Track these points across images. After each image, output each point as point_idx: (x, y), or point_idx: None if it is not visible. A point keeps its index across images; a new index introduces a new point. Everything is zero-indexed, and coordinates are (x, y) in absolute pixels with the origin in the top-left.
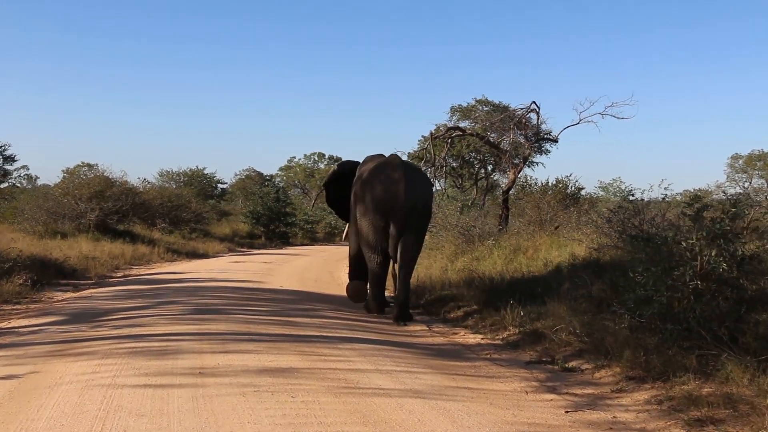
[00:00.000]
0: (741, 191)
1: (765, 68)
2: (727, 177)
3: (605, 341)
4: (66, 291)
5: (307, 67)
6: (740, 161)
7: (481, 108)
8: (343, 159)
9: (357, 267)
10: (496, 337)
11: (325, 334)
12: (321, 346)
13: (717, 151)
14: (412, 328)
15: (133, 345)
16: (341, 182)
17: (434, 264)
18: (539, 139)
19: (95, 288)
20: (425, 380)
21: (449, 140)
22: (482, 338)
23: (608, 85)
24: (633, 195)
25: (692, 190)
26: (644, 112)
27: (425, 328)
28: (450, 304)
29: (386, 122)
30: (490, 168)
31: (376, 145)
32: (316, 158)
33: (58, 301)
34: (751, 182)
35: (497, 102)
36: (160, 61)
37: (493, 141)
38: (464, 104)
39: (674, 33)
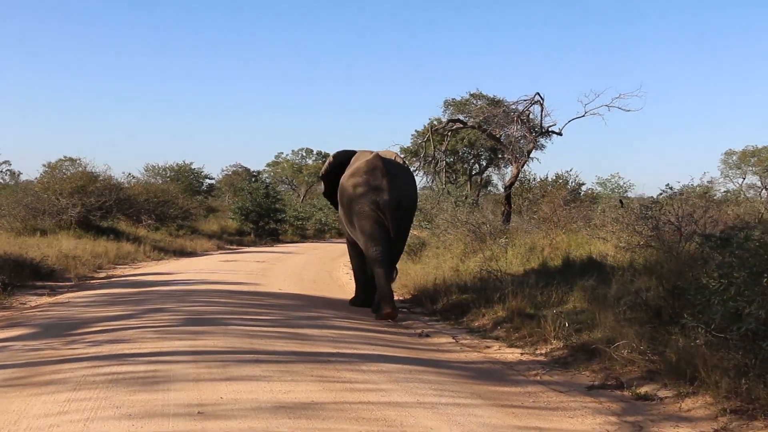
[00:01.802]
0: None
1: (760, 64)
2: (721, 173)
3: (692, 362)
4: (41, 295)
5: (294, 62)
6: (734, 157)
7: (475, 102)
8: (328, 154)
9: (355, 263)
10: (538, 352)
11: (341, 350)
12: (342, 369)
13: (711, 147)
14: (437, 340)
15: (113, 369)
16: (338, 173)
17: (444, 264)
18: (542, 133)
19: (74, 291)
20: (482, 417)
21: (449, 133)
22: (522, 353)
23: (604, 82)
24: (672, 188)
25: (693, 185)
26: (645, 109)
27: (452, 340)
28: (472, 310)
29: (376, 117)
30: (484, 163)
31: (365, 141)
32: (304, 154)
33: (31, 308)
34: (744, 178)
35: (492, 96)
36: (144, 57)
37: (495, 134)
38: (458, 98)
39: (670, 30)
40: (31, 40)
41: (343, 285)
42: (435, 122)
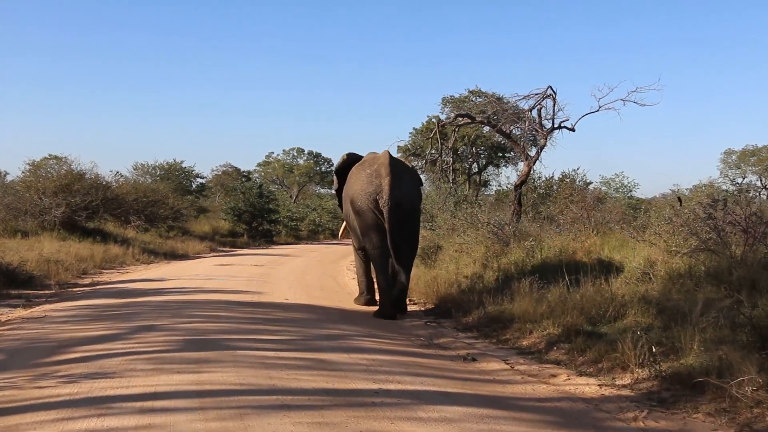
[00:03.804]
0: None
1: (760, 62)
2: (721, 172)
3: None
4: (15, 306)
5: (284, 61)
6: (733, 156)
7: (474, 99)
8: (319, 154)
9: (364, 269)
10: (618, 383)
11: (384, 386)
12: (395, 417)
13: (710, 147)
14: (487, 366)
15: (91, 425)
16: (348, 172)
17: (464, 270)
18: (555, 128)
19: (53, 302)
20: None
21: (456, 129)
22: (599, 385)
23: (599, 81)
24: (738, 183)
25: (701, 184)
26: (638, 107)
27: (505, 366)
28: (514, 325)
29: (371, 117)
30: (483, 162)
31: (357, 141)
32: (295, 154)
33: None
34: (744, 178)
35: (491, 93)
36: (133, 57)
37: (505, 130)
38: (457, 95)
39: (669, 27)
40: (18, 41)
41: (353, 293)
42: (434, 120)
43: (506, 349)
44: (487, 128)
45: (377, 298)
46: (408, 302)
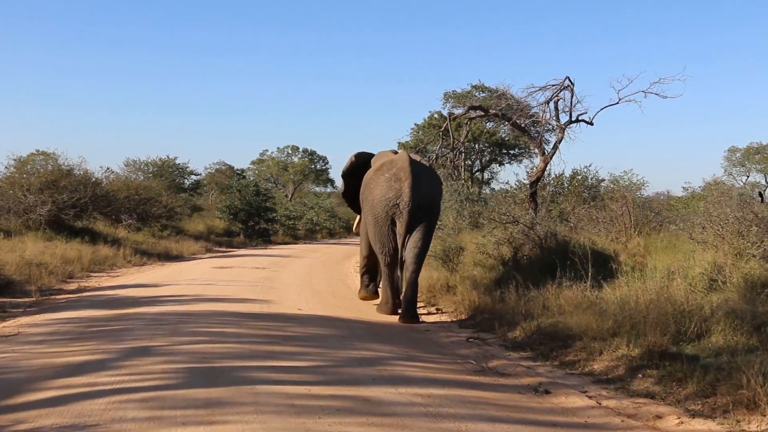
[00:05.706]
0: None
1: (764, 59)
2: (725, 170)
3: None
4: None
5: (279, 57)
6: (737, 154)
7: (477, 94)
8: (314, 151)
9: (370, 265)
10: (750, 428)
11: None
12: None
13: (711, 144)
14: (567, 401)
15: None
16: (358, 173)
17: (493, 274)
18: (573, 121)
19: (30, 314)
20: None
21: (468, 122)
22: (724, 430)
23: (599, 76)
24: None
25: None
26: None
27: (588, 400)
28: (577, 343)
29: (365, 114)
30: (487, 158)
31: (354, 138)
32: (290, 151)
33: None
34: (748, 176)
35: (494, 87)
36: (125, 53)
37: (520, 124)
38: (459, 90)
39: (671, 24)
40: (7, 34)
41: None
42: (436, 115)
43: (577, 375)
44: (490, 124)
45: (399, 299)
46: (435, 311)
